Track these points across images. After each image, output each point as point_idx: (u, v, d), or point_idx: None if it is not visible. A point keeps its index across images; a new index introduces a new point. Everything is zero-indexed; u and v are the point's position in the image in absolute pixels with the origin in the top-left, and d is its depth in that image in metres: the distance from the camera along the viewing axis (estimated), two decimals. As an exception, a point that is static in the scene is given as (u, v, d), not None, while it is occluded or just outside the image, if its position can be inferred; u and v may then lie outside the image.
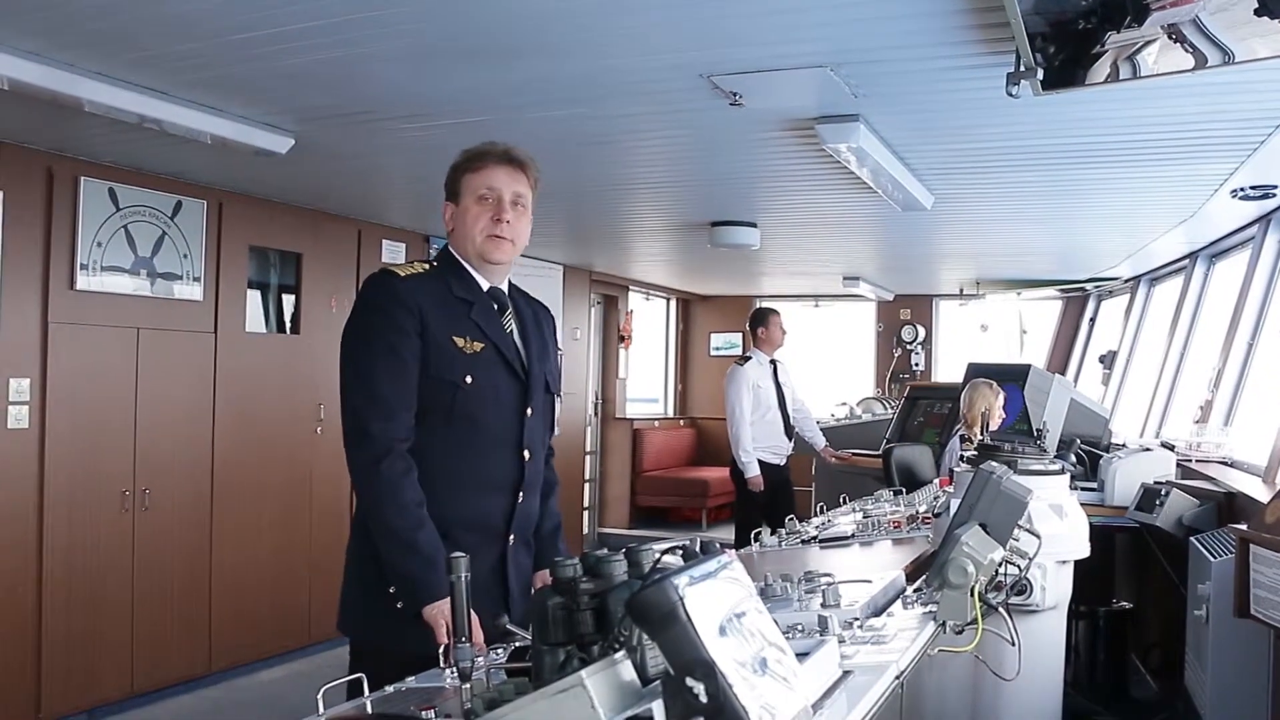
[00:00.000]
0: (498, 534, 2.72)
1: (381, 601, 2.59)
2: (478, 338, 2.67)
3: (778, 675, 1.38)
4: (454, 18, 3.36)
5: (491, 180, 2.70)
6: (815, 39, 3.41)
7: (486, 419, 2.68)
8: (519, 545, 2.78)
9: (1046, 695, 3.34)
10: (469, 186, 2.72)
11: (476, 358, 2.66)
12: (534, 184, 2.79)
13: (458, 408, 2.63)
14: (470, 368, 2.64)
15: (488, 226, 2.69)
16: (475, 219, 2.69)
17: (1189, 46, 3.17)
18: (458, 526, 2.62)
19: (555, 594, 1.65)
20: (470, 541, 2.53)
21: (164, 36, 3.53)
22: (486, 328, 2.69)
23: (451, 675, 2.12)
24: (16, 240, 5.20)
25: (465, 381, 2.63)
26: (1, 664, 5.16)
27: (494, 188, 2.69)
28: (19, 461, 5.24)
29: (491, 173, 2.70)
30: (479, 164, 2.72)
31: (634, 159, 5.47)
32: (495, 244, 2.70)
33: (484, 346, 2.67)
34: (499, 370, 2.69)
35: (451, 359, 2.63)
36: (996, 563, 2.44)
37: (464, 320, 2.67)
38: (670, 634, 1.25)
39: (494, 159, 2.72)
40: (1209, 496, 4.89)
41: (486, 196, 2.69)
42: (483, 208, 2.69)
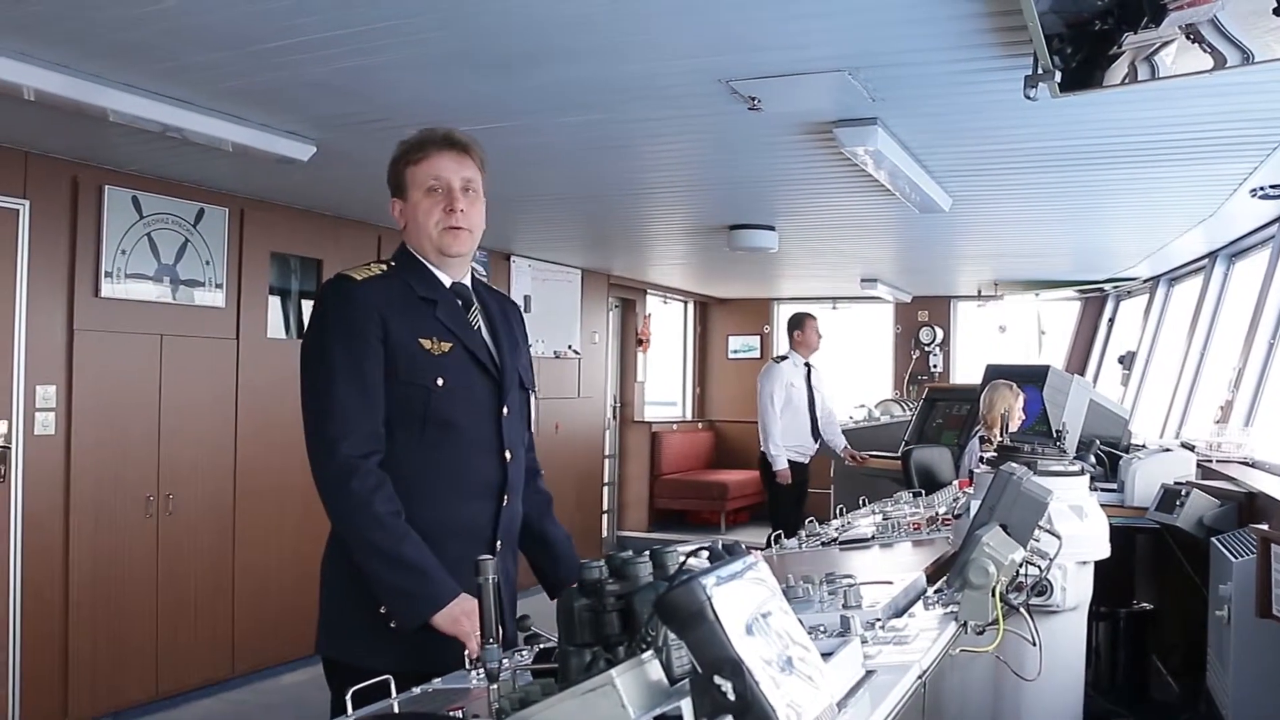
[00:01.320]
0: (485, 541, 2.59)
1: (370, 620, 2.47)
2: (445, 338, 2.56)
3: (803, 674, 1.40)
4: (473, 27, 3.40)
5: (437, 169, 2.57)
6: (833, 43, 3.44)
7: (462, 421, 2.56)
8: (506, 551, 2.67)
9: (1068, 696, 3.35)
10: (414, 179, 2.59)
11: (445, 358, 2.54)
12: (481, 165, 2.65)
13: (431, 412, 2.52)
14: (440, 369, 2.53)
15: (442, 219, 2.56)
16: (427, 212, 2.57)
17: (1207, 47, 3.16)
18: (443, 535, 2.51)
19: (581, 595, 1.67)
20: (457, 550, 2.48)
21: (191, 47, 3.57)
22: (453, 326, 2.58)
23: (477, 677, 2.15)
24: (43, 248, 5.26)
25: (436, 384, 2.52)
26: (30, 667, 5.21)
27: (441, 177, 2.57)
28: (46, 467, 5.30)
29: (435, 161, 2.57)
30: (420, 154, 2.59)
31: (652, 163, 5.50)
32: (453, 235, 2.57)
33: (452, 346, 2.56)
34: (470, 370, 2.59)
35: (420, 362, 2.51)
36: (1017, 563, 2.46)
37: (429, 320, 2.55)
38: (698, 633, 1.28)
39: (435, 146, 2.59)
40: (1230, 497, 4.89)
41: (435, 187, 2.57)
42: (433, 199, 2.57)
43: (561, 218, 7.49)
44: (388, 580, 2.42)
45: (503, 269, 8.83)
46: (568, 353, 9.78)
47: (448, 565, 2.43)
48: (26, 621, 5.20)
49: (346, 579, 2.52)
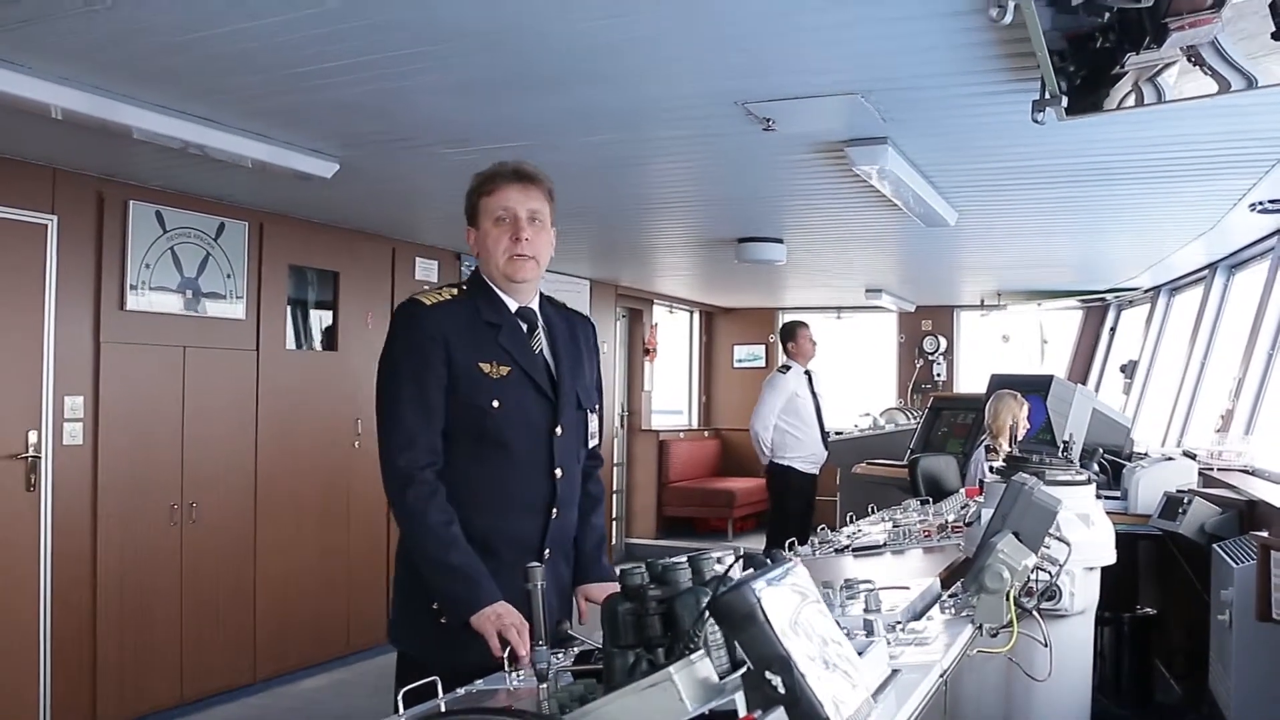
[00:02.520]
0: (533, 550, 2.75)
1: (425, 615, 2.67)
2: (504, 362, 2.71)
3: (841, 670, 1.53)
4: (499, 53, 3.52)
5: (505, 200, 2.73)
6: (848, 68, 3.56)
7: (516, 441, 2.72)
8: (557, 558, 2.83)
9: (1076, 696, 3.48)
10: (485, 209, 2.75)
11: (504, 381, 2.70)
12: (549, 197, 2.81)
13: (487, 431, 2.70)
14: (497, 392, 2.69)
15: (508, 247, 2.72)
16: (496, 241, 2.73)
17: (1208, 70, 3.21)
18: (495, 544, 2.70)
19: (625, 600, 1.79)
20: (509, 557, 2.66)
21: (227, 71, 3.69)
22: (513, 350, 2.74)
23: (518, 678, 2.27)
24: (70, 262, 5.39)
25: (492, 406, 2.68)
26: (60, 673, 5.33)
27: (509, 208, 2.73)
28: (75, 477, 5.42)
29: (504, 193, 2.73)
30: (491, 186, 2.75)
31: (665, 179, 5.63)
32: (518, 263, 2.73)
33: (510, 370, 2.72)
34: (527, 392, 2.73)
35: (478, 384, 2.68)
36: (1030, 569, 2.59)
37: (490, 345, 2.72)
38: (750, 632, 1.40)
39: (504, 179, 2.75)
40: (1231, 504, 4.99)
41: (503, 217, 2.73)
42: (501, 229, 2.73)
43: (572, 230, 7.58)
44: (437, 583, 2.62)
45: (513, 280, 8.93)
46: (576, 362, 9.87)
47: (499, 571, 2.61)
48: (56, 627, 5.32)
49: (412, 578, 2.72)
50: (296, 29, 3.23)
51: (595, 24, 3.22)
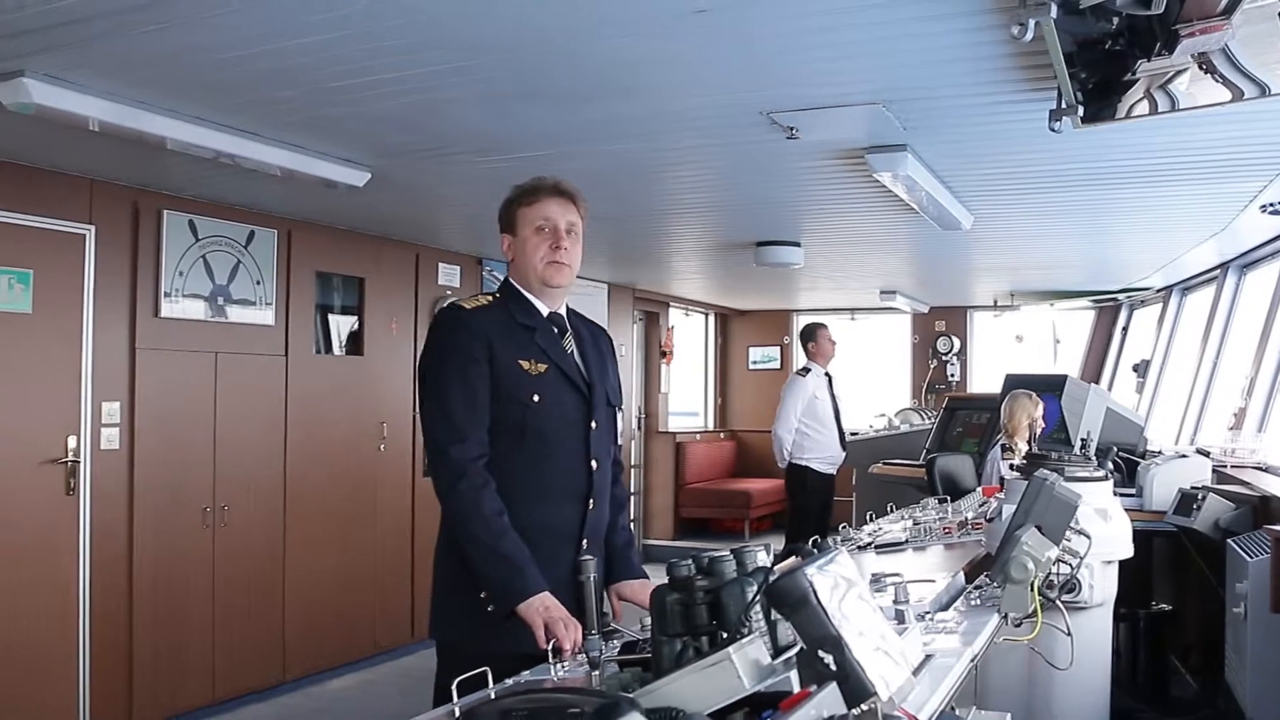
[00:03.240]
0: (573, 539, 2.90)
1: (470, 606, 2.79)
2: (541, 360, 2.89)
3: (883, 650, 1.65)
4: (530, 67, 3.63)
5: (546, 212, 2.93)
6: (870, 79, 3.67)
7: (555, 434, 2.89)
8: (593, 549, 2.95)
9: (1095, 686, 3.59)
10: (525, 219, 2.94)
11: (542, 378, 2.87)
12: (583, 213, 3.02)
13: (529, 425, 2.85)
14: (537, 387, 2.86)
15: (548, 254, 2.91)
16: (535, 248, 2.92)
17: (1219, 77, 3.27)
18: (538, 534, 2.82)
19: (672, 591, 1.90)
20: (549, 546, 2.83)
21: (267, 86, 3.81)
22: (549, 350, 2.92)
23: (563, 669, 2.37)
24: (107, 271, 5.53)
25: (533, 400, 2.85)
26: (99, 674, 5.46)
27: (549, 218, 2.92)
28: (112, 481, 5.55)
29: (545, 205, 2.93)
30: (533, 198, 2.95)
31: (686, 186, 5.74)
32: (556, 269, 2.92)
33: (548, 368, 2.89)
34: (563, 388, 2.91)
35: (519, 381, 2.85)
36: (1053, 560, 2.70)
37: (528, 345, 2.89)
38: (804, 614, 1.52)
39: (546, 192, 2.95)
40: (1244, 500, 5.08)
41: (543, 227, 2.92)
42: (541, 237, 2.92)
43: (592, 235, 7.56)
44: (486, 571, 2.75)
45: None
46: (595, 365, 9.98)
47: (541, 560, 2.76)
48: (95, 628, 5.46)
49: (456, 570, 2.85)
50: (338, 47, 3.35)
51: (623, 40, 3.33)
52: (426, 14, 3.09)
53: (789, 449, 8.39)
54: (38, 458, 5.25)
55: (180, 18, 3.11)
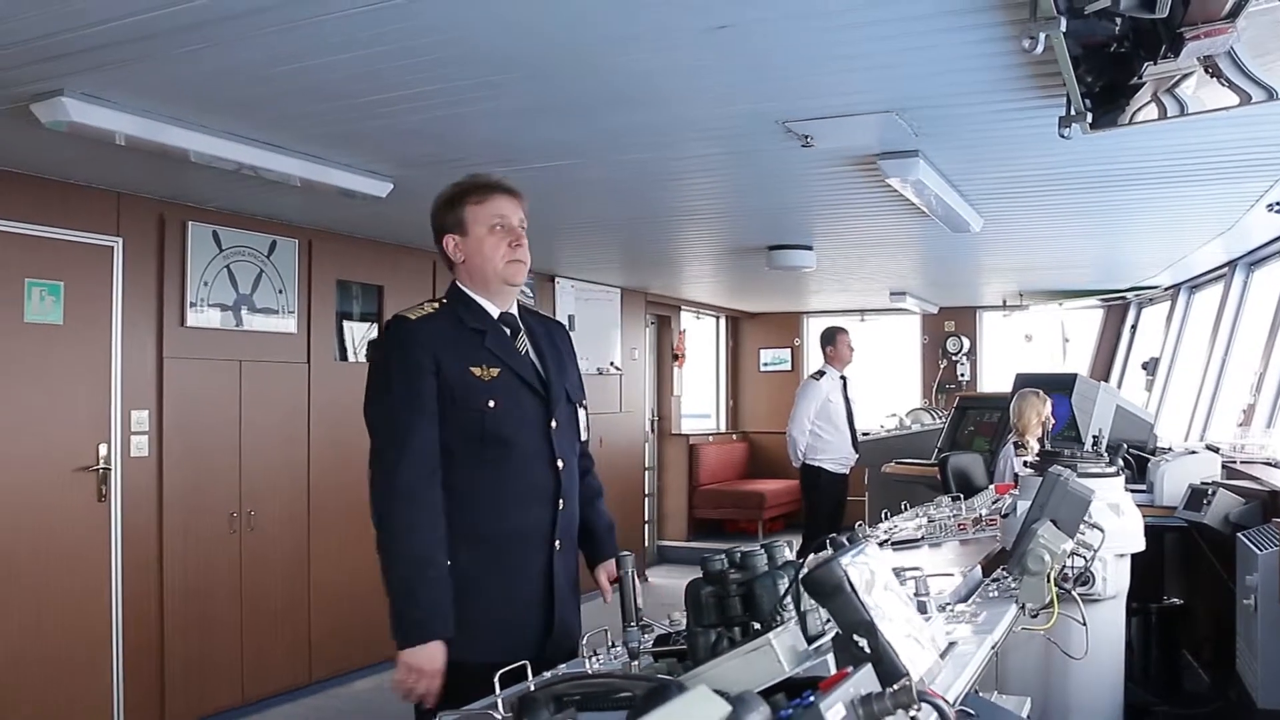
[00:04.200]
0: (545, 541, 2.87)
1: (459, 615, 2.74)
2: (493, 364, 2.82)
3: (912, 636, 1.75)
4: (551, 81, 3.74)
5: (500, 209, 2.86)
6: (884, 88, 3.77)
7: (516, 437, 2.83)
8: (566, 549, 2.94)
9: (1109, 675, 3.70)
10: (477, 217, 2.86)
11: (495, 383, 2.81)
12: (526, 208, 2.96)
13: (487, 432, 2.79)
14: (490, 393, 2.80)
15: (507, 253, 2.85)
16: (495, 247, 2.85)
17: (1225, 81, 3.32)
18: (509, 540, 2.83)
19: (707, 584, 2.00)
20: (520, 550, 2.84)
21: (298, 101, 3.92)
22: (500, 353, 2.85)
23: (596, 662, 2.47)
24: (135, 282, 5.65)
25: (488, 406, 2.79)
26: (131, 676, 5.58)
27: (504, 215, 2.86)
28: (142, 488, 5.67)
29: (498, 202, 2.87)
30: (483, 195, 2.87)
31: (700, 192, 5.84)
32: (517, 268, 2.88)
33: (500, 371, 2.83)
34: (519, 390, 2.85)
35: (472, 388, 2.78)
36: (1068, 553, 2.80)
37: (478, 350, 2.82)
38: (838, 601, 1.62)
39: (497, 190, 2.89)
40: (1254, 495, 5.16)
41: (499, 225, 2.86)
42: (498, 236, 2.85)
43: (606, 241, 7.84)
44: (397, 604, 2.70)
45: (547, 290, 9.19)
46: (609, 369, 10.11)
47: (513, 565, 2.83)
48: (127, 632, 5.57)
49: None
50: (373, 63, 3.46)
51: (646, 56, 3.45)
52: (458, 32, 3.19)
53: (803, 450, 8.51)
54: (70, 465, 5.36)
55: (218, 39, 3.22)
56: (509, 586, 2.83)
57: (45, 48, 3.32)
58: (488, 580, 2.81)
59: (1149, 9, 2.77)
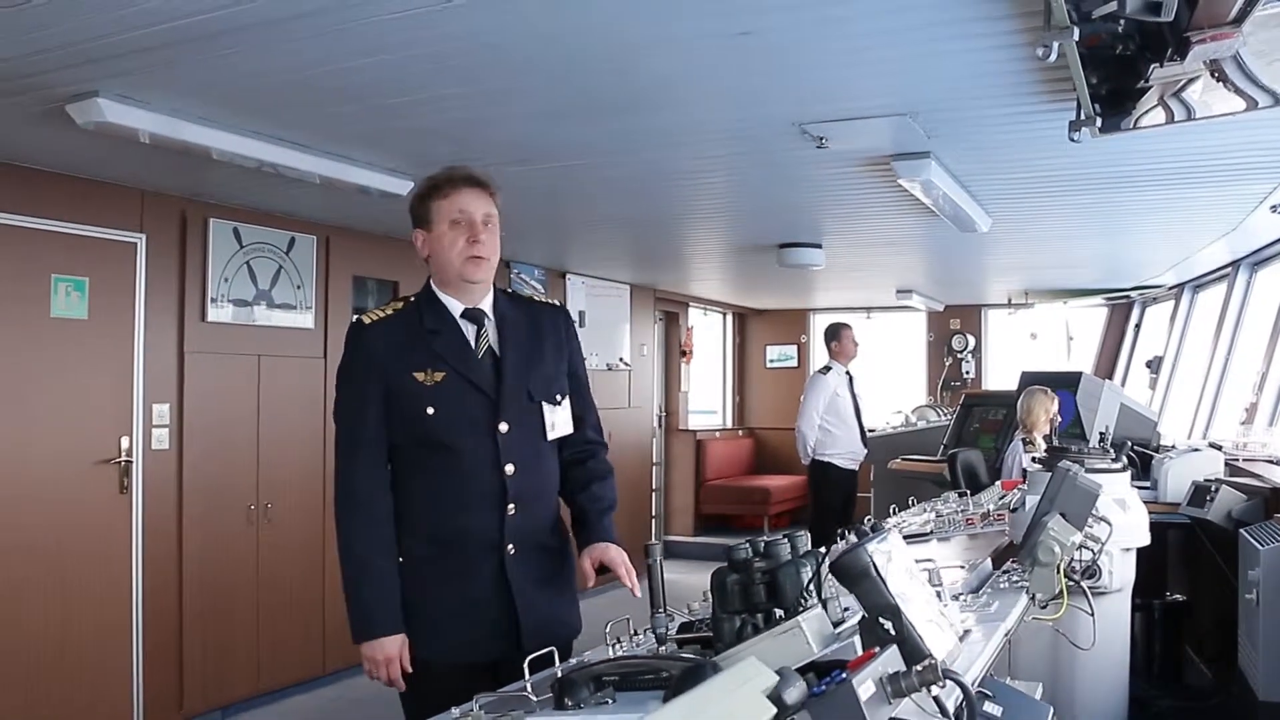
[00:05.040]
0: (493, 547, 2.82)
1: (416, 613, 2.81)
2: (438, 368, 2.79)
3: (932, 620, 1.85)
4: (573, 84, 3.84)
5: (462, 204, 2.81)
6: (899, 92, 3.87)
7: (458, 442, 2.79)
8: (525, 553, 2.87)
9: (1115, 665, 3.81)
10: (441, 213, 2.82)
11: (438, 387, 2.78)
12: (497, 202, 2.90)
13: (429, 437, 2.79)
14: (432, 398, 2.78)
15: (465, 249, 2.80)
16: (452, 243, 2.80)
17: (1232, 86, 3.37)
18: (454, 543, 2.82)
19: (732, 572, 2.09)
20: (468, 555, 2.82)
21: (331, 102, 4.01)
22: (449, 355, 2.81)
23: (621, 650, 2.56)
24: (157, 278, 5.75)
25: (428, 413, 2.77)
26: (150, 666, 5.68)
27: (466, 211, 2.81)
28: (162, 481, 5.77)
29: (460, 196, 2.82)
30: (448, 190, 2.83)
31: (713, 192, 5.94)
32: (475, 265, 2.81)
33: (445, 375, 2.79)
34: (464, 393, 2.81)
35: (414, 394, 2.77)
36: (1077, 545, 2.90)
37: (424, 353, 2.79)
38: (865, 586, 1.72)
39: (461, 183, 2.83)
40: (1256, 492, 5.25)
41: (459, 220, 2.81)
42: (457, 231, 2.80)
43: (617, 239, 7.93)
44: (347, 602, 2.84)
45: (558, 286, 9.28)
46: (619, 365, 10.20)
47: (460, 570, 2.82)
48: (147, 623, 5.68)
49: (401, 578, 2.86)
50: (405, 66, 3.56)
51: (668, 60, 3.54)
52: (489, 38, 3.29)
53: (812, 445, 8.60)
54: (93, 458, 5.47)
55: (253, 44, 3.32)
56: (460, 589, 2.82)
57: (83, 51, 3.41)
58: (439, 581, 2.82)
59: (1154, 13, 2.80)
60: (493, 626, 2.81)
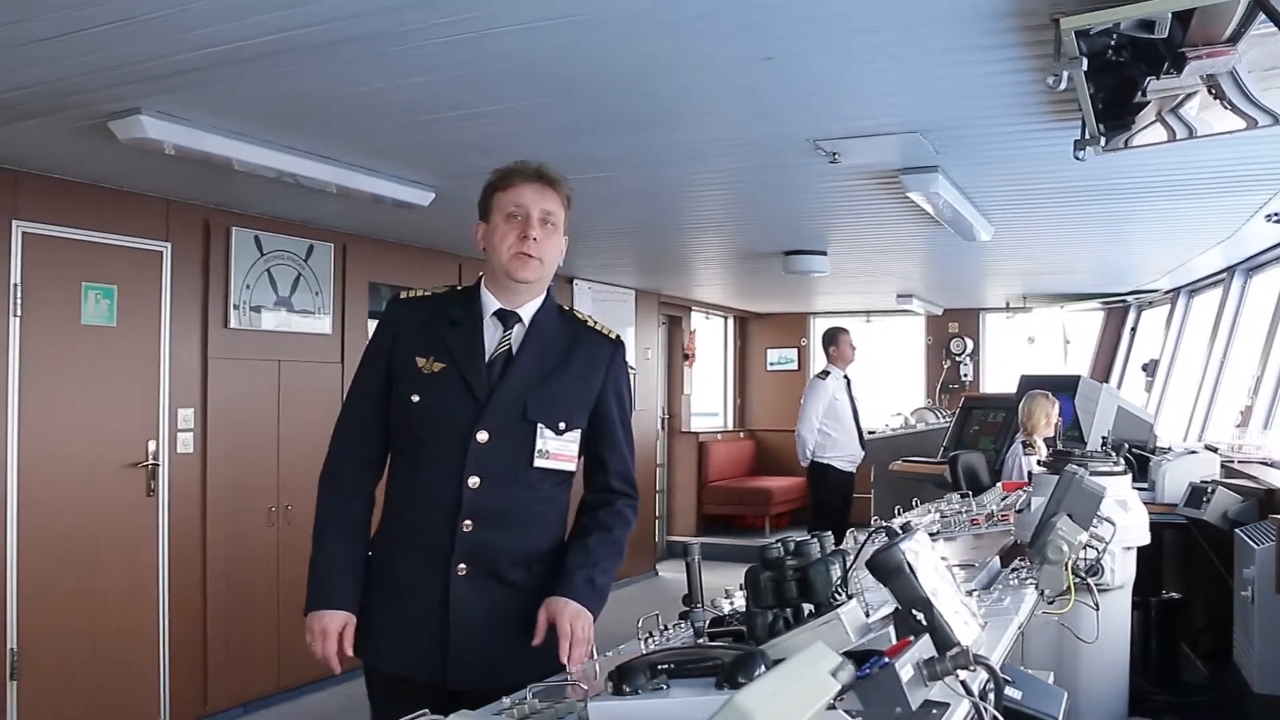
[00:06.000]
0: (441, 558, 2.61)
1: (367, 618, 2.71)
2: (441, 358, 2.64)
3: (959, 611, 2.01)
4: (595, 101, 3.99)
5: (520, 197, 2.66)
6: (911, 111, 4.05)
7: (429, 439, 2.64)
8: (478, 579, 2.63)
9: (1117, 658, 3.98)
10: (499, 204, 2.69)
11: (432, 377, 2.63)
12: (566, 202, 2.75)
13: (409, 426, 2.66)
14: (420, 387, 2.63)
15: (515, 244, 2.63)
16: (503, 236, 2.65)
17: (1228, 104, 3.48)
18: (406, 547, 2.66)
19: (765, 569, 2.24)
20: (417, 562, 2.63)
21: (365, 119, 4.17)
22: (455, 348, 2.66)
23: (652, 644, 2.71)
24: (182, 285, 5.90)
25: (413, 399, 2.63)
26: (176, 663, 5.83)
27: (522, 204, 2.65)
28: (187, 483, 5.92)
29: (520, 190, 2.67)
30: (509, 181, 2.70)
31: (724, 202, 6.12)
32: (522, 261, 2.64)
33: (444, 367, 2.64)
34: (452, 390, 2.63)
35: (410, 378, 2.64)
36: (1083, 544, 3.06)
37: (436, 342, 2.66)
38: (899, 580, 1.88)
39: (524, 176, 2.70)
40: (1251, 493, 5.41)
41: (515, 214, 2.65)
42: (510, 225, 2.65)
43: (626, 246, 8.09)
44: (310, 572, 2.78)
45: (566, 290, 9.43)
46: (625, 368, 10.31)
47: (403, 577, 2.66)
48: (173, 621, 5.82)
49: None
50: (441, 86, 3.72)
51: (690, 80, 3.71)
52: (526, 58, 3.45)
53: (811, 448, 8.76)
54: (122, 461, 5.62)
55: (296, 66, 3.48)
56: (399, 599, 2.66)
57: (133, 72, 3.56)
58: (386, 584, 2.69)
59: (1148, 29, 2.91)
60: (423, 651, 2.62)
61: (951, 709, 1.76)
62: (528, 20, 3.10)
